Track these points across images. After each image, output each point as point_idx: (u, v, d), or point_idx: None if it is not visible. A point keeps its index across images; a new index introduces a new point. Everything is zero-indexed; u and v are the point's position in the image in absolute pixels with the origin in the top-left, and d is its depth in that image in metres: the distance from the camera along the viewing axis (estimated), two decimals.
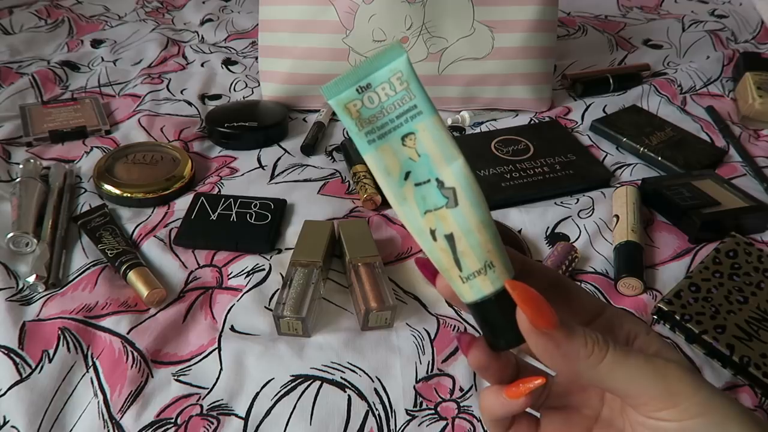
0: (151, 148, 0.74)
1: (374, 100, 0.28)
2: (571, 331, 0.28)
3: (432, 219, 0.28)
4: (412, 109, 0.28)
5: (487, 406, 0.32)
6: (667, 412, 0.27)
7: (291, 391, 0.48)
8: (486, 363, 0.31)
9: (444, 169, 0.28)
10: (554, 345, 0.28)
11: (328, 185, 0.71)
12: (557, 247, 0.59)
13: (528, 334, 0.28)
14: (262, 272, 0.59)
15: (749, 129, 0.83)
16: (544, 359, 0.29)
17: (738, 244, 0.60)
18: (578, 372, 0.28)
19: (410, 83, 0.28)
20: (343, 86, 0.28)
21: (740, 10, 1.19)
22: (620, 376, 0.28)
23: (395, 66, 0.28)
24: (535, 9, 0.79)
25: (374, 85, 0.28)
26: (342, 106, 0.28)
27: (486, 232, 0.28)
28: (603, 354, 0.28)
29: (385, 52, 0.28)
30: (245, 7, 1.18)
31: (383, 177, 0.28)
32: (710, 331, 0.52)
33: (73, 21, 1.09)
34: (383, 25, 0.79)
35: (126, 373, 0.49)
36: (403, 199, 0.28)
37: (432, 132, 0.28)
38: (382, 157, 0.28)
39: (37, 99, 0.86)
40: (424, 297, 0.57)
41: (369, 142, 0.28)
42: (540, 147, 0.76)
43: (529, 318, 0.27)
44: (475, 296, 0.29)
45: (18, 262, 0.59)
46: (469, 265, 0.28)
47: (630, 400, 0.28)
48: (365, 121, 0.28)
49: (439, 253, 0.29)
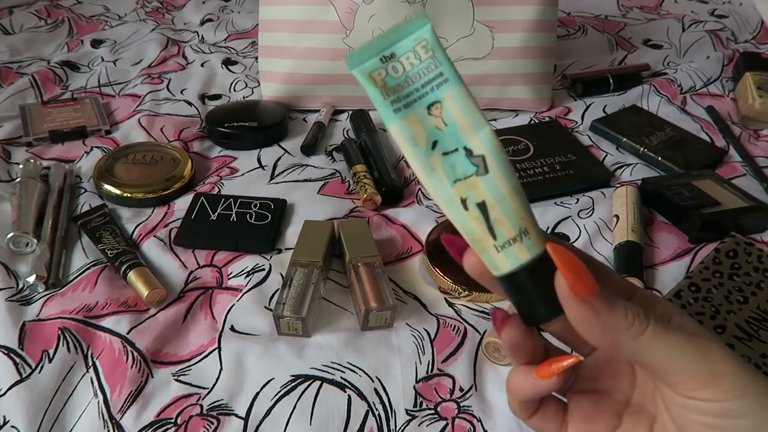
0: (151, 148, 0.74)
1: (398, 70, 0.27)
2: (612, 300, 0.27)
3: (462, 188, 0.28)
4: (438, 77, 0.27)
5: (515, 387, 0.31)
6: (708, 392, 0.26)
7: (291, 391, 0.48)
8: (520, 341, 0.29)
9: (472, 137, 0.27)
10: (594, 314, 0.26)
11: (328, 185, 0.71)
12: None
13: (567, 301, 0.27)
14: (262, 272, 0.59)
15: (749, 129, 0.83)
16: (582, 329, 0.27)
17: (738, 244, 0.60)
18: (617, 344, 0.27)
19: (435, 51, 0.27)
20: (366, 56, 0.27)
21: (740, 10, 1.19)
22: (660, 352, 0.27)
23: (420, 35, 0.27)
24: (535, 9, 0.79)
25: (398, 55, 0.27)
26: (366, 75, 0.27)
27: (518, 198, 0.28)
28: (643, 327, 0.27)
29: (409, 22, 0.27)
30: (245, 7, 1.18)
31: (410, 147, 0.28)
32: (710, 331, 0.52)
33: (73, 21, 1.09)
34: (383, 25, 0.79)
35: (126, 373, 0.49)
36: (431, 169, 0.28)
37: (459, 100, 0.27)
38: (408, 127, 0.27)
39: (37, 99, 0.86)
40: (424, 297, 0.57)
41: (395, 111, 0.27)
42: (540, 147, 0.76)
43: (569, 283, 0.26)
44: (512, 265, 0.28)
45: (18, 262, 0.59)
46: (504, 233, 0.27)
47: (668, 378, 0.27)
48: (390, 90, 0.27)
49: (471, 222, 0.28)
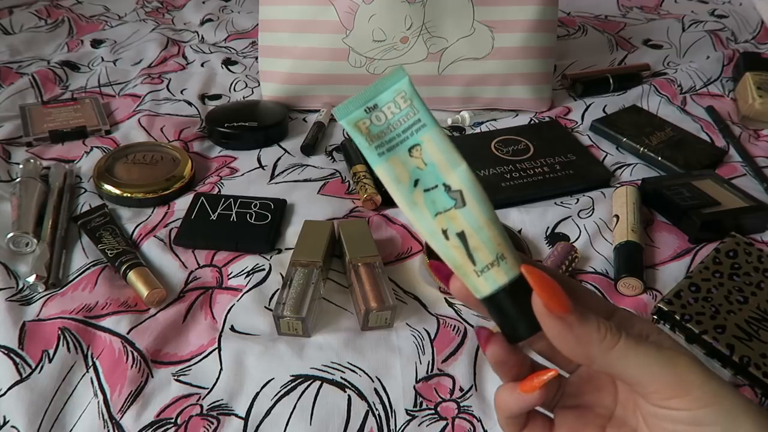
0: (151, 148, 0.74)
1: (381, 118, 0.31)
2: (584, 316, 0.29)
3: (443, 220, 0.30)
4: (416, 123, 0.31)
5: (502, 404, 0.32)
6: (678, 401, 0.28)
7: (291, 391, 0.48)
8: (504, 357, 0.32)
9: (450, 174, 0.30)
10: (568, 328, 0.29)
11: (328, 185, 0.71)
12: (557, 247, 0.59)
13: (543, 318, 0.29)
14: (262, 272, 0.59)
15: (749, 129, 0.83)
16: (558, 343, 0.29)
17: (738, 244, 0.60)
18: (591, 356, 0.29)
19: (413, 100, 0.31)
20: (352, 107, 0.31)
21: (740, 10, 1.19)
22: (632, 363, 0.28)
23: (399, 87, 0.31)
24: (535, 9, 0.79)
25: (380, 105, 0.31)
26: (352, 124, 0.31)
27: (494, 227, 0.30)
28: (616, 340, 0.29)
29: (389, 76, 0.31)
30: (245, 7, 1.18)
31: (394, 185, 0.31)
32: (710, 331, 0.52)
33: (73, 21, 1.09)
34: (383, 25, 0.79)
35: (126, 373, 0.49)
36: (414, 204, 0.31)
37: (436, 142, 0.31)
38: (392, 168, 0.31)
39: (37, 99, 0.86)
40: (424, 297, 0.57)
41: (379, 155, 0.31)
42: (540, 147, 0.76)
43: (543, 302, 0.28)
44: (491, 288, 0.30)
45: (18, 262, 0.59)
46: (483, 259, 0.30)
47: (641, 387, 0.29)
48: (374, 137, 0.31)
49: (452, 251, 0.30)
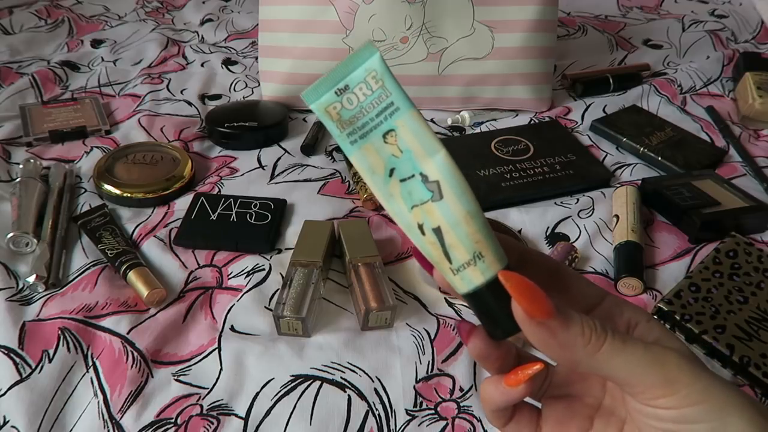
0: (151, 148, 0.74)
1: (353, 101, 0.28)
2: (568, 320, 0.28)
3: (419, 213, 0.29)
4: (389, 106, 0.28)
5: (487, 397, 0.32)
6: (666, 400, 0.27)
7: (291, 391, 0.48)
8: (486, 352, 0.31)
9: (427, 162, 0.28)
10: (551, 335, 0.27)
11: (328, 185, 0.71)
12: (557, 247, 0.59)
13: (524, 324, 0.28)
14: (262, 272, 0.59)
15: (749, 129, 0.83)
16: (541, 349, 0.28)
17: (738, 244, 0.60)
18: (576, 361, 0.28)
19: (385, 80, 0.28)
20: (322, 90, 0.28)
21: (740, 10, 1.19)
22: (618, 365, 0.27)
23: (369, 65, 0.28)
24: (535, 9, 0.79)
25: (352, 86, 0.28)
26: (323, 109, 0.28)
27: (474, 222, 0.28)
28: (601, 342, 0.27)
29: (359, 52, 0.28)
30: (245, 7, 1.18)
31: (369, 176, 0.29)
32: (710, 331, 0.52)
33: (73, 21, 1.09)
34: (383, 25, 0.79)
35: (126, 373, 0.49)
36: (390, 195, 0.29)
37: (411, 127, 0.28)
38: (365, 157, 0.29)
39: (37, 99, 0.86)
40: (424, 297, 0.57)
41: (351, 143, 0.29)
42: (540, 147, 0.76)
43: (524, 309, 0.27)
44: (467, 287, 0.29)
45: (18, 262, 0.59)
46: (459, 257, 0.28)
47: (628, 388, 0.28)
48: (346, 123, 0.28)
49: (428, 246, 0.29)
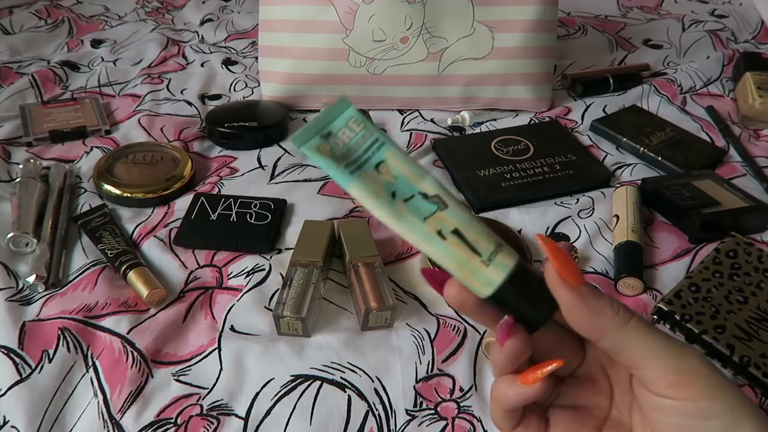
0: (151, 148, 0.74)
1: (339, 144, 0.30)
2: (597, 291, 0.29)
3: (434, 222, 0.30)
4: (375, 142, 0.30)
5: (500, 396, 0.32)
6: (684, 390, 0.28)
7: (291, 391, 0.48)
8: (522, 349, 0.30)
9: (421, 183, 0.30)
10: (582, 299, 0.28)
11: (328, 185, 0.71)
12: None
13: (557, 287, 0.29)
14: (262, 272, 0.59)
15: (749, 129, 0.83)
16: (571, 315, 0.29)
17: (738, 244, 0.60)
18: (604, 330, 0.29)
19: (366, 124, 0.31)
20: (308, 136, 0.30)
21: (740, 10, 1.19)
22: (642, 343, 0.28)
23: (348, 113, 0.31)
24: (535, 9, 0.79)
25: (335, 132, 0.30)
26: (314, 149, 0.30)
27: (480, 221, 0.30)
28: (629, 317, 0.29)
29: (333, 106, 0.30)
30: (245, 7, 1.18)
31: (374, 200, 0.30)
32: (710, 331, 0.52)
33: (73, 21, 1.09)
34: (383, 25, 0.79)
35: (126, 373, 0.49)
36: (400, 214, 0.30)
37: (398, 156, 0.30)
38: (367, 184, 0.30)
39: (37, 99, 0.86)
40: (424, 297, 0.57)
41: (350, 173, 0.30)
42: (540, 147, 0.76)
43: (557, 269, 0.28)
44: (503, 273, 0.29)
45: (18, 262, 0.59)
46: (486, 248, 0.30)
47: (647, 371, 0.29)
48: (340, 158, 0.30)
49: (454, 249, 0.30)
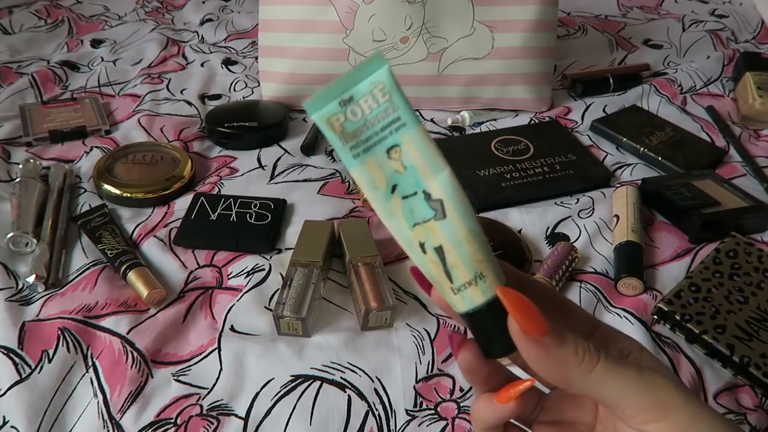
0: (151, 148, 0.74)
1: (357, 113, 0.27)
2: (562, 339, 0.28)
3: (421, 232, 0.28)
4: (395, 121, 0.27)
5: (478, 414, 0.32)
6: (658, 425, 0.27)
7: (291, 391, 0.48)
8: (476, 366, 0.30)
9: (431, 180, 0.28)
10: (545, 351, 0.28)
11: (328, 185, 0.71)
12: (557, 247, 0.59)
13: (519, 340, 0.28)
14: (262, 272, 0.58)
15: (749, 129, 0.83)
16: (535, 367, 0.28)
17: (738, 244, 0.60)
18: (569, 380, 0.28)
19: (393, 95, 0.27)
20: (325, 100, 0.27)
21: (740, 10, 1.19)
22: (611, 386, 0.28)
23: (377, 78, 0.27)
24: (535, 9, 0.79)
25: (357, 98, 0.27)
26: (325, 120, 0.27)
27: (475, 242, 0.28)
28: (594, 363, 0.28)
29: (367, 63, 0.27)
30: (245, 7, 1.17)
31: (370, 191, 0.28)
32: (710, 331, 0.52)
33: (73, 21, 1.09)
34: (383, 25, 0.79)
35: (126, 373, 0.49)
36: (391, 213, 0.28)
37: (417, 143, 0.27)
38: (368, 171, 0.28)
39: (37, 99, 0.86)
40: (424, 297, 0.57)
41: (354, 156, 0.27)
42: (540, 147, 0.76)
43: (519, 325, 0.27)
44: (467, 307, 0.29)
45: (18, 262, 0.59)
46: (460, 277, 0.28)
47: (620, 411, 0.28)
48: (349, 136, 0.27)
49: (429, 265, 0.29)
